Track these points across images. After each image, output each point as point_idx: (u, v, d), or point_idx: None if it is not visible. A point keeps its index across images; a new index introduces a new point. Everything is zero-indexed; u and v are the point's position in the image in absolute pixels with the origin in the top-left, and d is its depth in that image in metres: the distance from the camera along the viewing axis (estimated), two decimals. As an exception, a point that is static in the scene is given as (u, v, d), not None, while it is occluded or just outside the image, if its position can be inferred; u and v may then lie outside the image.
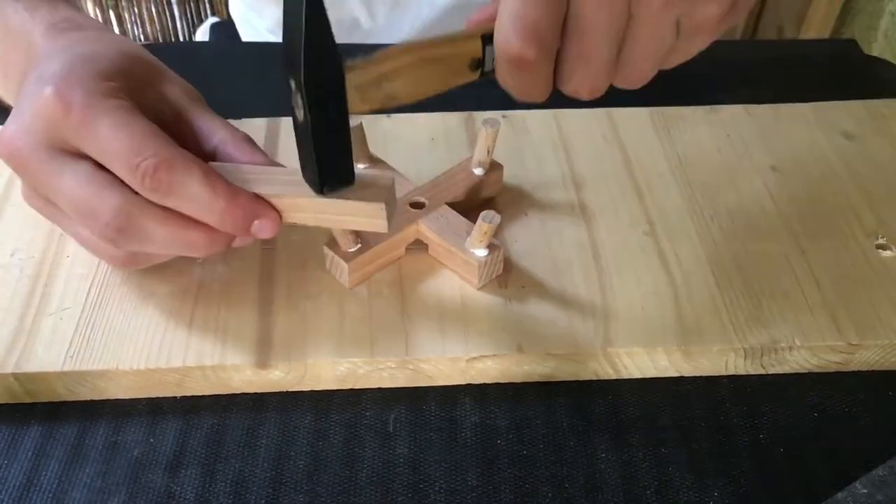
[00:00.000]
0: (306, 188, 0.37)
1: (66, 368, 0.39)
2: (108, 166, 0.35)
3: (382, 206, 0.36)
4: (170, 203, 0.35)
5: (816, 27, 1.27)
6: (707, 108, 0.54)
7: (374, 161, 0.47)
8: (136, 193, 0.35)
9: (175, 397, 0.40)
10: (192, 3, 0.79)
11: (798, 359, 0.41)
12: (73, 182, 0.35)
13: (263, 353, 0.40)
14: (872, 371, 0.42)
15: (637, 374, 0.41)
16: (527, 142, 0.52)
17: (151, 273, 0.43)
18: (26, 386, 0.39)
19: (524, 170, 0.50)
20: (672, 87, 0.59)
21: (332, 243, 0.42)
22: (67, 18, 0.40)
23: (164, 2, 0.79)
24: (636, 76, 0.36)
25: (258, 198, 0.37)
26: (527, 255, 0.44)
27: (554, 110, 0.54)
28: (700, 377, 0.41)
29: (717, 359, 0.41)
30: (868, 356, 0.41)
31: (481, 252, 0.42)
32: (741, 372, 0.42)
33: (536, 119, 0.53)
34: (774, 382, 0.41)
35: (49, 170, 0.35)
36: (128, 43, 0.41)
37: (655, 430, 0.39)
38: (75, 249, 0.44)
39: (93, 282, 0.43)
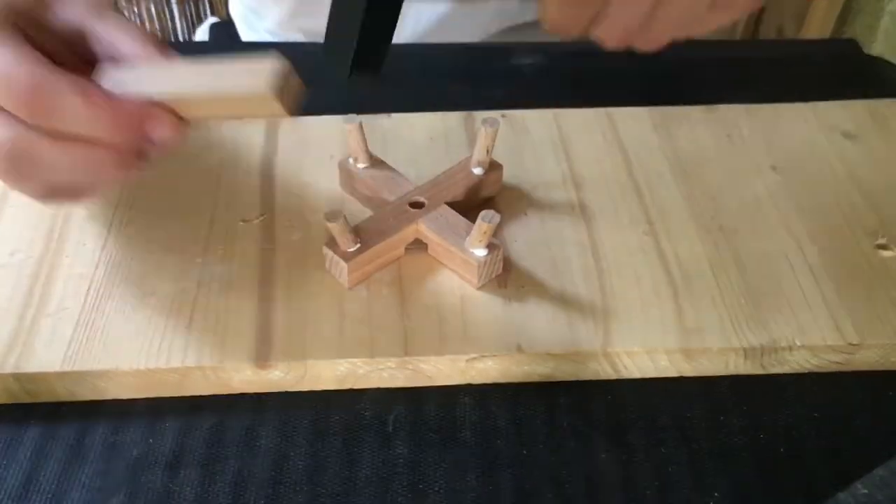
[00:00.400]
0: (197, 81, 0.35)
1: (66, 369, 0.39)
2: None
3: (268, 88, 0.32)
4: (57, 126, 0.34)
5: (816, 27, 1.26)
6: (707, 108, 0.54)
7: (375, 161, 0.47)
8: (30, 126, 0.34)
9: (175, 397, 0.40)
10: (191, 3, 0.79)
11: (798, 359, 0.41)
12: None
13: (263, 353, 0.40)
14: (873, 371, 0.42)
15: (637, 375, 0.41)
16: (526, 142, 0.52)
17: (151, 273, 0.43)
18: (25, 386, 0.39)
19: (524, 170, 0.50)
20: (672, 87, 0.59)
21: (332, 243, 0.42)
22: None
23: (164, 2, 0.79)
24: (659, 38, 0.36)
25: (147, 102, 0.35)
26: (526, 255, 0.44)
27: (554, 110, 0.54)
28: (700, 377, 0.41)
29: (718, 359, 0.41)
30: (868, 356, 0.41)
31: (481, 252, 0.42)
32: (741, 372, 0.42)
33: (536, 119, 0.53)
34: (774, 382, 0.41)
35: None
36: None
37: (655, 431, 0.39)
38: (75, 250, 0.44)
39: (92, 282, 0.43)
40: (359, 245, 0.42)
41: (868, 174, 0.50)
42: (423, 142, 0.51)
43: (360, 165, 0.47)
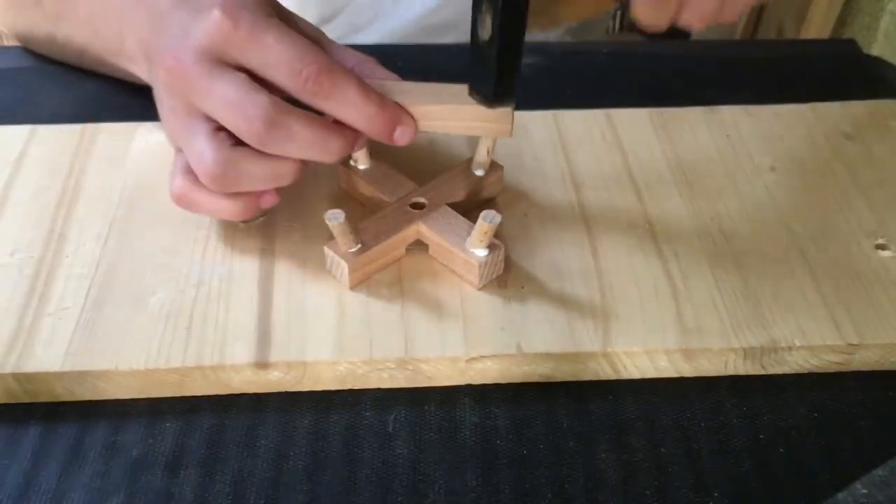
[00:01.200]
0: (440, 97, 0.42)
1: (65, 368, 0.39)
2: (269, 75, 0.39)
3: (510, 110, 0.41)
4: (327, 106, 0.39)
5: (816, 27, 1.26)
6: (707, 108, 0.54)
7: (375, 161, 0.47)
8: (283, 99, 0.39)
9: (174, 398, 0.40)
10: None
11: (798, 359, 0.41)
12: (228, 86, 0.38)
13: (263, 354, 0.40)
14: (872, 371, 0.42)
15: (637, 375, 0.41)
16: (526, 142, 0.52)
17: (151, 273, 0.43)
18: (25, 386, 0.39)
19: (524, 170, 0.50)
20: (672, 87, 0.59)
21: (333, 243, 0.42)
22: None
23: None
24: (734, 12, 0.45)
25: (400, 106, 0.41)
26: (526, 255, 0.44)
27: (553, 111, 0.54)
28: (700, 377, 0.41)
29: (717, 359, 0.41)
30: (868, 356, 0.41)
31: (481, 252, 0.42)
32: (741, 372, 0.42)
33: (536, 120, 0.53)
34: (774, 382, 0.41)
35: (209, 77, 0.38)
36: None
37: (655, 431, 0.39)
38: (75, 249, 0.44)
39: (92, 282, 0.43)
40: (360, 245, 0.42)
41: (868, 174, 0.50)
42: (423, 142, 0.51)
43: (361, 166, 0.47)
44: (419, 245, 0.44)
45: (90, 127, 0.52)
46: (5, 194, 0.48)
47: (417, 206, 0.44)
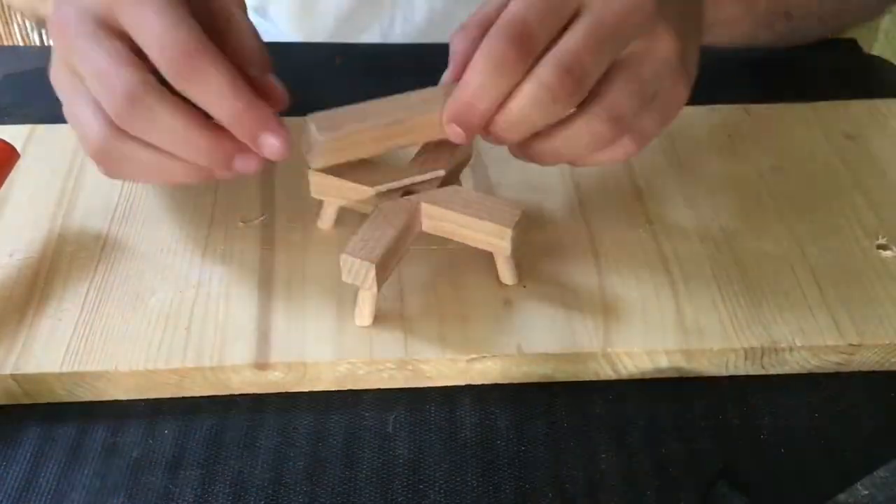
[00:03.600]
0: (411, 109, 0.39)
1: (65, 369, 0.39)
2: (143, 46, 0.36)
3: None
4: (190, 91, 0.35)
5: (816, 27, 1.26)
6: (707, 108, 0.54)
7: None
8: (157, 79, 0.35)
9: (174, 398, 0.40)
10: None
11: (798, 359, 0.41)
12: (104, 52, 0.36)
13: (262, 354, 0.40)
14: (873, 371, 0.42)
15: (637, 375, 0.41)
16: (526, 142, 0.51)
17: (150, 273, 0.43)
18: (24, 387, 0.39)
19: (523, 170, 0.50)
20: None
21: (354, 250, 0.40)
22: None
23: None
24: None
25: (275, 115, 0.36)
26: (527, 254, 0.44)
27: (553, 110, 0.53)
28: (700, 377, 0.41)
29: (718, 359, 0.41)
30: (868, 357, 0.41)
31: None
32: (741, 372, 0.41)
33: (536, 119, 0.53)
34: (775, 383, 0.41)
35: (88, 38, 0.36)
36: None
37: (656, 431, 0.39)
38: (74, 250, 0.44)
39: (91, 283, 0.43)
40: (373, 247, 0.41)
41: (868, 174, 0.50)
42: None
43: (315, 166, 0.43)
44: (420, 244, 0.43)
45: (90, 127, 0.52)
46: (4, 194, 0.47)
47: (409, 192, 0.42)
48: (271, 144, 0.36)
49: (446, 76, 0.41)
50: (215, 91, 0.35)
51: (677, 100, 0.41)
